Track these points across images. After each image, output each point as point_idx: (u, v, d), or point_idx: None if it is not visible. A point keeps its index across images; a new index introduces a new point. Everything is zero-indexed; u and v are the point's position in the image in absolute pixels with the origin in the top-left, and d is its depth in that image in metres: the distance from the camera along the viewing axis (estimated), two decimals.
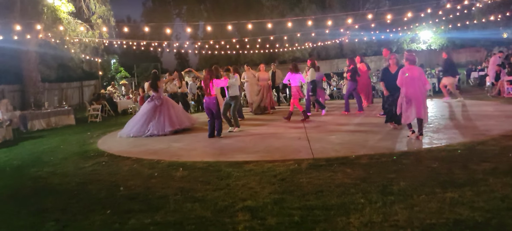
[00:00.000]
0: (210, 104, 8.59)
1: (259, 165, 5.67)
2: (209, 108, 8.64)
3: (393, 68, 7.71)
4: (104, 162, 6.98)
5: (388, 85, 7.75)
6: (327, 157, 5.76)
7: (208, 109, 8.71)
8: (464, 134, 6.89)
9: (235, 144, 7.64)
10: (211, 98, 8.60)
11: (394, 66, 7.72)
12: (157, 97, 10.10)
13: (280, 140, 7.72)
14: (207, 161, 6.20)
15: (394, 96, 7.60)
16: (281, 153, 6.39)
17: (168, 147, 7.92)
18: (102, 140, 9.89)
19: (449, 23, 31.07)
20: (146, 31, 19.48)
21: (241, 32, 33.90)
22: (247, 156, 6.33)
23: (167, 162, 6.44)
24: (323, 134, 8.01)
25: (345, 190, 4.27)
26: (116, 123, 14.64)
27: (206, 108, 8.74)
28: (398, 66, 7.69)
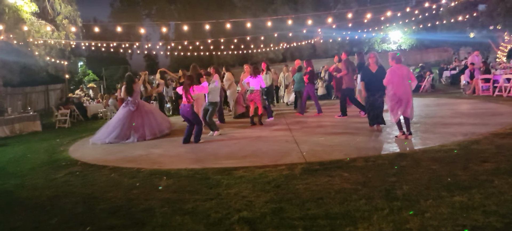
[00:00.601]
0: (186, 112, 8.16)
1: (250, 171, 5.34)
2: (186, 117, 8.23)
3: (373, 67, 7.54)
4: (78, 171, 6.44)
5: (369, 85, 7.54)
6: (320, 161, 5.50)
7: (185, 117, 8.29)
8: (454, 133, 6.81)
9: (220, 149, 7.28)
10: (186, 106, 8.15)
11: (374, 66, 7.55)
12: (132, 102, 9.57)
13: (266, 143, 7.41)
14: (192, 168, 5.80)
15: (374, 96, 7.45)
16: (270, 157, 6.08)
17: (147, 153, 7.45)
18: (74, 147, 9.26)
19: (418, 24, 31.88)
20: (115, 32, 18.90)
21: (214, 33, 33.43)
22: (235, 162, 5.99)
23: (148, 170, 6.00)
24: (309, 136, 7.78)
25: (347, 196, 4.01)
26: (87, 128, 13.94)
27: (182, 115, 8.32)
28: (378, 66, 7.55)
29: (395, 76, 6.48)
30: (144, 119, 9.45)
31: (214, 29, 35.86)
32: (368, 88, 7.50)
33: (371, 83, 7.40)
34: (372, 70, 7.50)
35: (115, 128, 9.31)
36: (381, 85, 7.49)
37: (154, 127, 9.51)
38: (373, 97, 7.40)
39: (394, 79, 6.48)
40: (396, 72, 6.52)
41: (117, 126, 9.41)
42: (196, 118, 8.24)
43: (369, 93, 7.46)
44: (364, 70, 7.69)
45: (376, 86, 7.37)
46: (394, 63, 6.64)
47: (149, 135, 9.28)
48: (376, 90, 7.38)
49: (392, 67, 6.63)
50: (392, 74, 6.55)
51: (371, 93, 7.43)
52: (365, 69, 7.64)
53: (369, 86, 7.48)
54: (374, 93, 7.38)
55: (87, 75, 30.01)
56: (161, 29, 40.58)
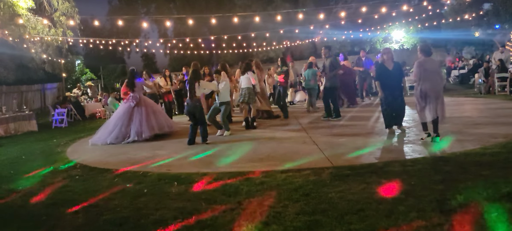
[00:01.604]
0: (193, 108, 7.60)
1: (270, 176, 4.77)
2: (192, 113, 7.67)
3: (389, 64, 6.97)
4: (78, 175, 5.85)
5: (385, 83, 6.96)
6: (349, 164, 4.94)
7: (190, 114, 7.73)
8: (493, 134, 6.18)
9: (232, 151, 6.70)
10: (194, 101, 7.62)
11: (391, 62, 6.98)
12: (133, 97, 8.98)
13: (281, 144, 6.84)
14: (205, 172, 5.23)
15: (393, 95, 6.89)
16: (290, 160, 5.51)
17: (153, 155, 6.86)
18: (72, 148, 8.67)
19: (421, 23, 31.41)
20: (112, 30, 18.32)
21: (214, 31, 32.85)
22: (251, 165, 5.41)
23: (156, 174, 5.42)
24: (328, 137, 7.21)
25: (392, 208, 3.45)
26: (85, 128, 13.34)
27: (188, 112, 7.75)
28: (394, 62, 6.99)
29: (424, 71, 5.91)
30: (144, 115, 8.87)
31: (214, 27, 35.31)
32: (385, 87, 6.93)
33: (387, 82, 6.84)
34: (388, 67, 6.93)
35: (115, 127, 8.72)
36: (400, 83, 6.98)
37: (154, 124, 8.93)
38: (392, 97, 6.84)
39: (423, 74, 5.90)
40: (424, 66, 5.95)
41: (117, 124, 8.82)
42: (202, 116, 7.69)
43: (387, 92, 6.89)
44: (379, 67, 7.11)
45: (394, 84, 6.84)
46: (423, 56, 6.07)
47: (147, 132, 8.69)
48: (395, 88, 6.84)
49: (420, 60, 6.05)
50: (420, 68, 5.97)
51: (389, 92, 6.86)
52: (380, 67, 7.06)
53: (386, 84, 6.91)
54: (393, 92, 6.83)
55: (85, 74, 29.32)
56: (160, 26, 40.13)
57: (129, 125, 8.67)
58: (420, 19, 30.21)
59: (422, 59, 6.05)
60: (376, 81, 7.12)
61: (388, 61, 6.93)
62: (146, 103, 9.17)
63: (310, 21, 31.99)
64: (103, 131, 8.86)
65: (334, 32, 33.58)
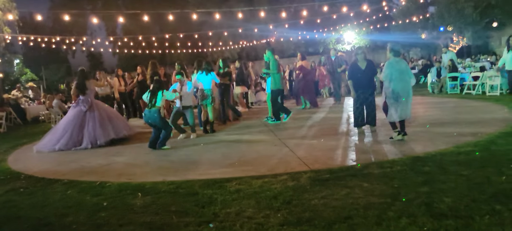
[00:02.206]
0: (151, 119, 7.09)
1: (245, 182, 4.43)
2: (152, 124, 7.16)
3: (362, 63, 6.93)
4: (23, 188, 5.16)
5: (357, 83, 6.90)
6: (327, 167, 4.72)
7: (151, 124, 7.19)
8: (462, 133, 6.23)
9: (199, 156, 6.28)
10: (152, 112, 7.08)
11: (363, 61, 6.93)
12: (84, 101, 8.26)
13: (251, 148, 6.51)
14: (172, 180, 4.78)
15: (365, 94, 6.84)
16: (264, 164, 5.21)
17: (109, 162, 6.26)
18: (13, 156, 7.79)
19: (371, 25, 32.56)
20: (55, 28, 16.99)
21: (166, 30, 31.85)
22: (222, 172, 5.05)
23: (115, 184, 4.88)
24: (299, 139, 6.97)
25: (381, 214, 3.25)
26: (27, 133, 12.23)
27: (148, 122, 7.21)
28: (366, 61, 6.95)
29: (394, 71, 5.88)
30: (97, 120, 8.16)
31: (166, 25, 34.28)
32: (357, 86, 6.85)
33: (359, 82, 6.77)
34: (361, 67, 6.87)
35: (65, 132, 7.94)
36: (372, 82, 6.93)
37: (109, 129, 8.26)
38: (364, 96, 6.78)
39: (394, 75, 5.87)
40: (395, 66, 5.93)
41: (67, 129, 8.05)
42: (164, 122, 7.20)
43: (359, 91, 6.82)
44: (352, 66, 7.03)
45: (367, 83, 6.78)
46: (392, 56, 6.05)
47: (102, 138, 8.03)
48: (367, 87, 6.79)
49: (390, 61, 6.03)
50: (391, 68, 5.94)
51: (361, 91, 6.80)
52: (353, 66, 6.98)
53: (358, 84, 6.84)
54: (365, 91, 6.77)
55: (25, 75, 27.19)
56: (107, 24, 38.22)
57: (81, 131, 7.95)
58: (371, 21, 31.31)
59: (393, 60, 6.01)
60: (349, 80, 7.00)
61: (361, 60, 6.86)
62: (99, 107, 8.47)
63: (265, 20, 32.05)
64: (51, 136, 8.05)
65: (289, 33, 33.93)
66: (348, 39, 37.48)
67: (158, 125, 7.07)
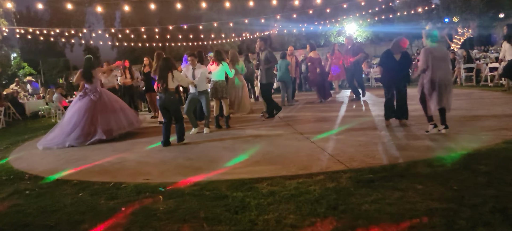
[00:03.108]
0: (167, 102, 6.64)
1: (278, 183, 3.99)
2: (166, 108, 6.70)
3: (397, 53, 6.50)
4: (28, 190, 4.69)
5: (390, 74, 6.50)
6: (367, 166, 4.27)
7: (164, 109, 6.75)
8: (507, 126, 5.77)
9: (218, 152, 5.82)
10: (168, 94, 6.66)
11: (398, 52, 6.51)
12: (92, 90, 7.81)
13: (273, 143, 6.03)
14: (196, 181, 4.33)
15: (399, 86, 6.45)
16: (293, 162, 4.75)
17: (120, 160, 5.79)
18: (15, 154, 7.31)
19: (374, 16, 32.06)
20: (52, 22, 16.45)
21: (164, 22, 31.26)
22: (249, 170, 4.59)
23: (132, 185, 4.42)
24: (321, 133, 6.49)
25: (450, 222, 2.81)
26: (27, 129, 11.74)
27: (162, 107, 6.76)
28: (402, 52, 6.53)
29: (433, 59, 5.43)
30: (110, 110, 7.74)
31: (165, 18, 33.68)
32: (391, 77, 6.45)
33: (395, 72, 6.36)
34: (395, 57, 6.46)
35: (76, 126, 7.45)
36: (406, 74, 6.53)
37: (123, 119, 7.84)
38: (397, 88, 6.38)
39: (432, 62, 5.42)
40: (433, 53, 5.48)
41: (78, 122, 7.53)
42: (178, 111, 6.74)
43: (392, 82, 6.43)
44: (386, 55, 6.59)
45: (400, 75, 6.37)
46: (430, 43, 5.60)
47: (117, 129, 7.66)
48: (400, 79, 6.38)
49: (429, 48, 5.58)
50: (428, 55, 5.48)
51: (394, 82, 6.40)
52: (387, 55, 6.55)
53: (392, 74, 6.44)
54: (398, 83, 6.36)
55: (22, 69, 26.55)
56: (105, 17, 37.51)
57: (93, 122, 7.47)
58: (373, 13, 30.83)
59: (430, 46, 5.57)
60: (379, 66, 6.62)
61: (395, 50, 6.44)
62: (109, 96, 8.02)
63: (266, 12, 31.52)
64: (59, 131, 7.55)
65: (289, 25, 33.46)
66: (349, 31, 37.02)
67: (171, 109, 6.64)
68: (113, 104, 7.84)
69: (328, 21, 33.55)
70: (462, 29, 28.22)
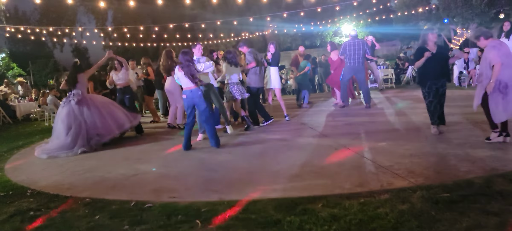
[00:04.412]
0: (195, 99, 6.10)
1: (335, 203, 3.36)
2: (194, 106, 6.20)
3: (433, 48, 5.88)
4: (33, 210, 4.00)
5: (427, 71, 5.87)
6: (436, 182, 3.66)
7: (191, 108, 6.17)
8: None
9: (246, 162, 5.13)
10: (195, 91, 6.10)
11: (433, 46, 5.89)
12: (75, 94, 7.26)
13: (308, 152, 5.35)
14: (234, 199, 3.67)
15: (437, 85, 5.80)
16: (344, 176, 4.10)
17: (136, 173, 5.11)
18: (12, 164, 6.55)
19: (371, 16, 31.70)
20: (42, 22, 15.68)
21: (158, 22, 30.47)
22: (293, 186, 3.96)
23: (157, 205, 3.76)
24: (358, 140, 5.85)
25: None
26: (20, 133, 10.96)
27: (189, 106, 6.16)
28: (437, 46, 5.92)
29: (501, 55, 4.81)
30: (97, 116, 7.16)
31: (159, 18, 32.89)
32: (427, 75, 5.80)
33: (432, 68, 5.73)
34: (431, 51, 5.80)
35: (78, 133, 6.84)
36: (445, 71, 5.93)
37: (110, 124, 7.27)
38: (436, 87, 5.76)
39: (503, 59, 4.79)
40: (501, 50, 4.86)
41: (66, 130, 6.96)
42: (207, 109, 6.18)
43: (430, 81, 5.78)
44: (420, 51, 5.93)
45: (438, 71, 5.75)
46: (491, 40, 5.00)
47: (107, 135, 7.15)
48: (439, 77, 5.77)
49: (493, 43, 4.96)
50: (499, 50, 4.85)
51: (432, 81, 5.76)
52: (422, 50, 5.89)
53: (428, 72, 5.80)
54: (436, 81, 5.75)
55: (11, 70, 25.49)
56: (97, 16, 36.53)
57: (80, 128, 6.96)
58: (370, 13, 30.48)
59: (493, 42, 4.96)
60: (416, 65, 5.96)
61: (431, 45, 5.82)
62: (95, 101, 7.44)
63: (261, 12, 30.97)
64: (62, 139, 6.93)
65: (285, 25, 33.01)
66: (346, 32, 36.62)
67: (199, 109, 6.15)
68: (101, 110, 7.23)
69: (325, 22, 33.20)
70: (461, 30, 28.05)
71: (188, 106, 6.22)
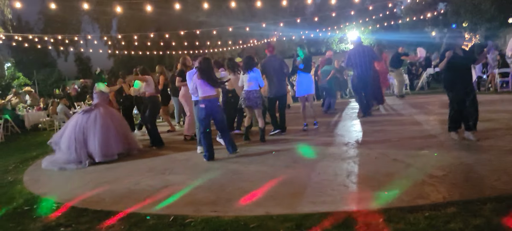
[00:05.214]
0: (214, 109, 5.87)
1: (399, 217, 3.07)
2: (214, 115, 5.97)
3: (459, 51, 5.63)
4: (62, 226, 3.73)
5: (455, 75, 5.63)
6: (503, 193, 3.38)
7: (208, 118, 5.91)
8: None
9: (282, 172, 4.84)
10: (214, 100, 5.90)
11: (460, 50, 5.65)
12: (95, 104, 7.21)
13: (343, 160, 5.03)
14: (285, 214, 3.40)
15: (466, 89, 5.57)
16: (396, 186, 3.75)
17: (165, 184, 4.80)
18: (28, 175, 6.29)
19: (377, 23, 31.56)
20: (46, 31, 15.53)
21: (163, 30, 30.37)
22: (343, 198, 3.68)
23: (199, 220, 3.48)
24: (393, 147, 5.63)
25: None
26: (29, 143, 10.75)
27: (208, 115, 5.90)
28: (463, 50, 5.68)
29: None
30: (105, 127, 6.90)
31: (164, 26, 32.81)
32: (455, 79, 5.57)
33: (460, 72, 5.51)
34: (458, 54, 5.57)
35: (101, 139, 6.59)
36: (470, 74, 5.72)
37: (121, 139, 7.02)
38: (464, 92, 5.52)
39: None
40: None
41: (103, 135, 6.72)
42: (224, 119, 5.97)
43: (458, 86, 5.55)
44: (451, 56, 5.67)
45: (466, 75, 5.54)
46: None
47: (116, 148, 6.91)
48: (467, 81, 5.56)
49: None
50: None
51: (460, 86, 5.53)
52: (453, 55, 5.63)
53: (456, 76, 5.56)
54: (465, 85, 5.52)
55: (17, 79, 25.32)
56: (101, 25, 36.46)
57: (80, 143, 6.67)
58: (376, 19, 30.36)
59: None
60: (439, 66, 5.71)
61: (458, 49, 5.59)
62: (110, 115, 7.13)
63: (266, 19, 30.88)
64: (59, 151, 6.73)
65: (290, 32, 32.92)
66: (351, 39, 36.46)
67: (217, 119, 5.97)
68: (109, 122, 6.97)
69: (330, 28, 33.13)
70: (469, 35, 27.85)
71: (206, 117, 5.95)
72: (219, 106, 6.01)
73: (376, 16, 29.13)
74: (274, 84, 7.81)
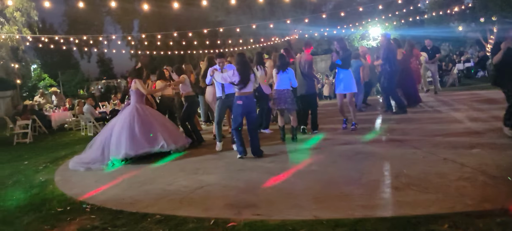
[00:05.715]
0: (251, 106, 5.81)
1: (467, 224, 2.78)
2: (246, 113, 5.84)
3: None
4: (98, 228, 3.58)
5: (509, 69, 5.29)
6: None
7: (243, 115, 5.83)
8: None
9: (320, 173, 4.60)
10: (251, 97, 5.80)
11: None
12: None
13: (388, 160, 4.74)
14: (335, 219, 3.15)
15: None
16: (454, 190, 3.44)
17: (200, 185, 4.60)
18: (59, 175, 6.20)
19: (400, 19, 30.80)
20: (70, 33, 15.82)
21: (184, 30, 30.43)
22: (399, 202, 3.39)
23: (242, 224, 3.25)
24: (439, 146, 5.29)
25: None
26: (57, 143, 10.76)
27: (244, 112, 5.78)
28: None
29: None
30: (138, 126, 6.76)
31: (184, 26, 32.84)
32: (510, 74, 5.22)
33: None
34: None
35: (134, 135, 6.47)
36: None
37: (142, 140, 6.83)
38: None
39: None
40: None
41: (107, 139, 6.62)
42: (257, 120, 5.84)
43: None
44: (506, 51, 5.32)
45: None
46: None
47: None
48: None
49: None
50: None
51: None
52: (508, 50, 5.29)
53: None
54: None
55: (43, 80, 25.77)
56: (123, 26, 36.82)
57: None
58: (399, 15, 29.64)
59: None
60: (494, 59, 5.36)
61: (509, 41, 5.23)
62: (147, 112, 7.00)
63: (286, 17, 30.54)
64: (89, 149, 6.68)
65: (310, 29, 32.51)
66: (374, 35, 35.70)
67: (252, 116, 5.87)
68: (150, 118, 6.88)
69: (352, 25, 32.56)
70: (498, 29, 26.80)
71: (242, 113, 5.78)
72: (255, 103, 5.83)
73: (400, 11, 28.45)
74: (304, 83, 7.57)
